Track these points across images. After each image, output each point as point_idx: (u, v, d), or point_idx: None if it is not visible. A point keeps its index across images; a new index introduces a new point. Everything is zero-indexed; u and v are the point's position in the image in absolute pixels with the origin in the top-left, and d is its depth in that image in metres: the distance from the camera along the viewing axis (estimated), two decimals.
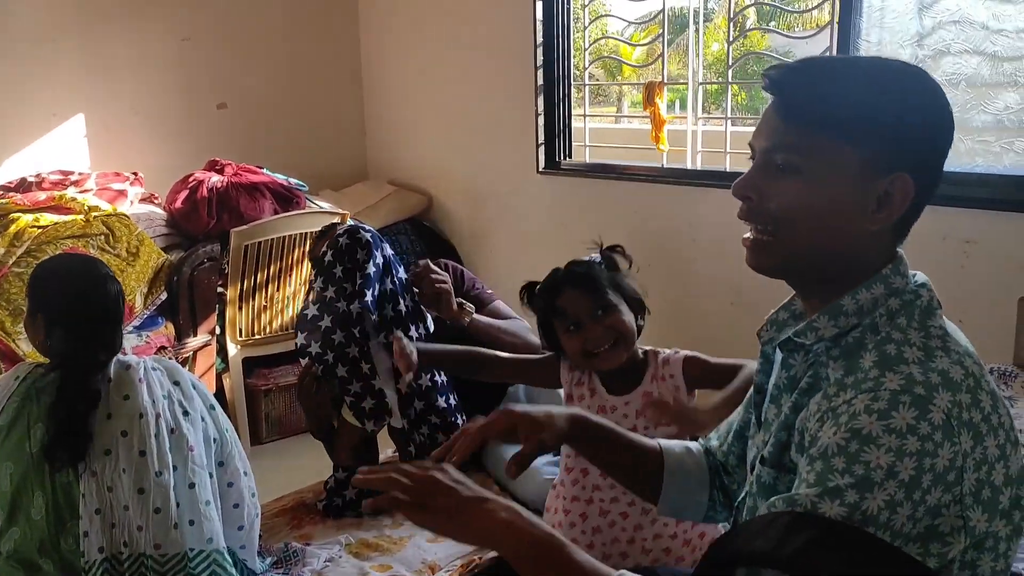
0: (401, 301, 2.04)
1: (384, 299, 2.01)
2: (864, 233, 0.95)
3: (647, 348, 1.56)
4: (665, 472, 1.19)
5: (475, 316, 2.12)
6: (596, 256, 1.55)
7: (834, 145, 0.93)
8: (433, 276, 2.08)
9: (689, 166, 3.16)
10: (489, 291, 2.32)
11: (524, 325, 2.24)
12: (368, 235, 2.01)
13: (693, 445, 1.25)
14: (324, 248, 2.02)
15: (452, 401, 2.09)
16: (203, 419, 1.49)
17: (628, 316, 1.45)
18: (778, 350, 1.05)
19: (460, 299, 2.13)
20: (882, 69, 0.97)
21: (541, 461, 2.02)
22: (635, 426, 1.45)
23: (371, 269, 1.97)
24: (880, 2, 2.56)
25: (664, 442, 1.23)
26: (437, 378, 2.07)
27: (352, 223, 2.14)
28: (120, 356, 1.51)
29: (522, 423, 1.15)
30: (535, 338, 2.22)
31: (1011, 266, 2.30)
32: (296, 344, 2.01)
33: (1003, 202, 2.32)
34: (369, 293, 1.96)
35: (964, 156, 2.46)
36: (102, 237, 2.80)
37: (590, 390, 1.50)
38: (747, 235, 1.00)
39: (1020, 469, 0.89)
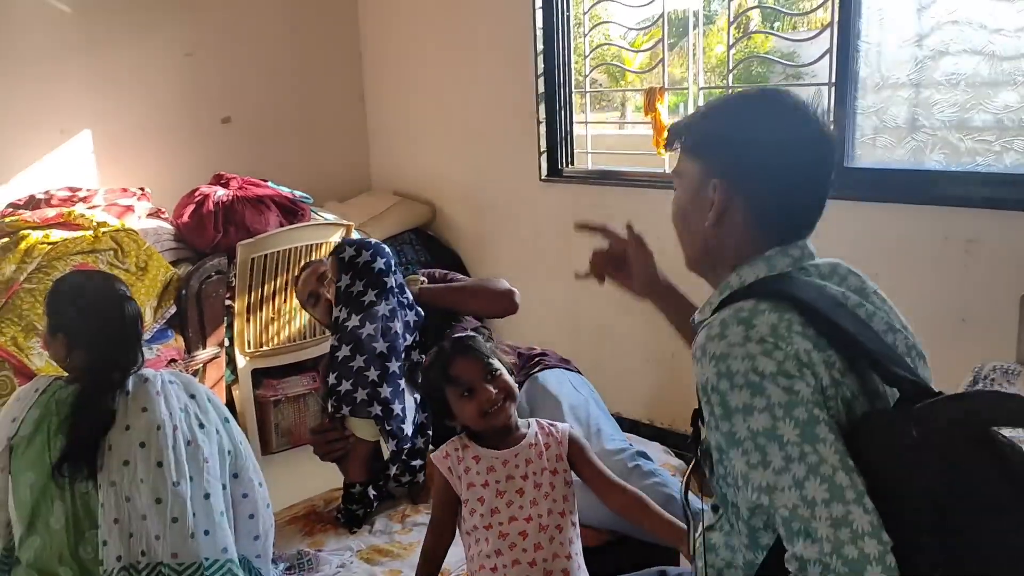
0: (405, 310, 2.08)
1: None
2: (709, 232, 1.14)
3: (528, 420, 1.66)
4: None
5: (425, 286, 2.13)
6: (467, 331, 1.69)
7: (687, 163, 1.17)
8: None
9: None
10: (444, 272, 2.38)
11: (489, 278, 2.27)
12: (367, 246, 2.05)
13: None
14: (338, 276, 2.04)
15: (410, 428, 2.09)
16: (218, 431, 1.52)
17: (508, 376, 1.57)
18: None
19: (415, 275, 2.18)
20: (741, 98, 1.23)
21: None
22: (525, 474, 1.52)
23: (391, 281, 2.03)
24: (880, 3, 2.58)
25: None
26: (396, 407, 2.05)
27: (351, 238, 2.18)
28: (139, 370, 1.54)
29: (640, 251, 1.53)
30: (503, 284, 2.26)
31: (1012, 265, 2.31)
32: (328, 384, 2.02)
33: (1004, 201, 2.33)
34: (391, 301, 2.01)
35: (965, 156, 2.48)
36: (111, 252, 2.83)
37: (475, 459, 1.54)
38: None
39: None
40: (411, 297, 2.14)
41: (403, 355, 2.07)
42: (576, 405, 2.16)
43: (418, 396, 2.10)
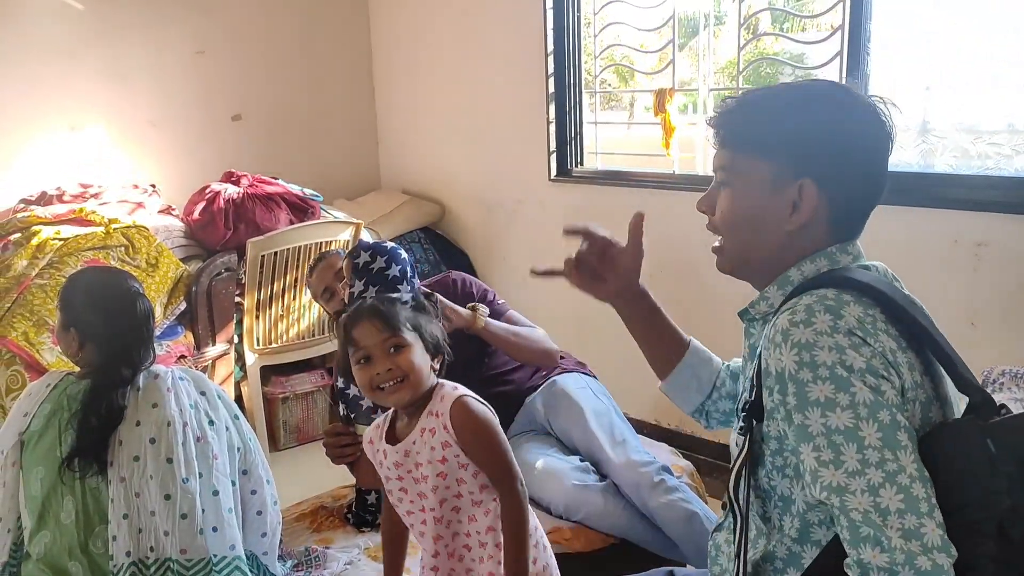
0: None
1: None
2: (785, 234, 1.09)
3: (443, 381, 1.48)
4: (680, 363, 1.43)
5: (489, 321, 2.12)
6: (404, 295, 1.53)
7: (750, 161, 1.10)
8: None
9: (700, 172, 3.18)
10: (501, 301, 2.31)
11: (542, 333, 2.25)
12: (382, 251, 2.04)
13: (718, 359, 1.46)
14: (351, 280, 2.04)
15: None
16: (227, 428, 1.53)
17: (420, 357, 1.41)
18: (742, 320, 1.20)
19: (473, 303, 2.14)
20: (796, 90, 1.14)
21: (568, 467, 2.04)
22: (419, 463, 1.40)
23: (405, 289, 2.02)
24: (890, 6, 2.58)
25: (695, 342, 1.46)
26: None
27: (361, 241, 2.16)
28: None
29: (634, 249, 1.44)
30: (552, 344, 2.23)
31: (1022, 268, 2.31)
32: (338, 388, 2.03)
33: (1014, 205, 2.32)
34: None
35: (975, 159, 2.47)
36: (122, 249, 2.85)
37: (383, 452, 1.44)
38: (714, 243, 1.19)
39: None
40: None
41: None
42: (599, 412, 2.15)
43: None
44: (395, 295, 1.51)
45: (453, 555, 1.43)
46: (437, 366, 1.46)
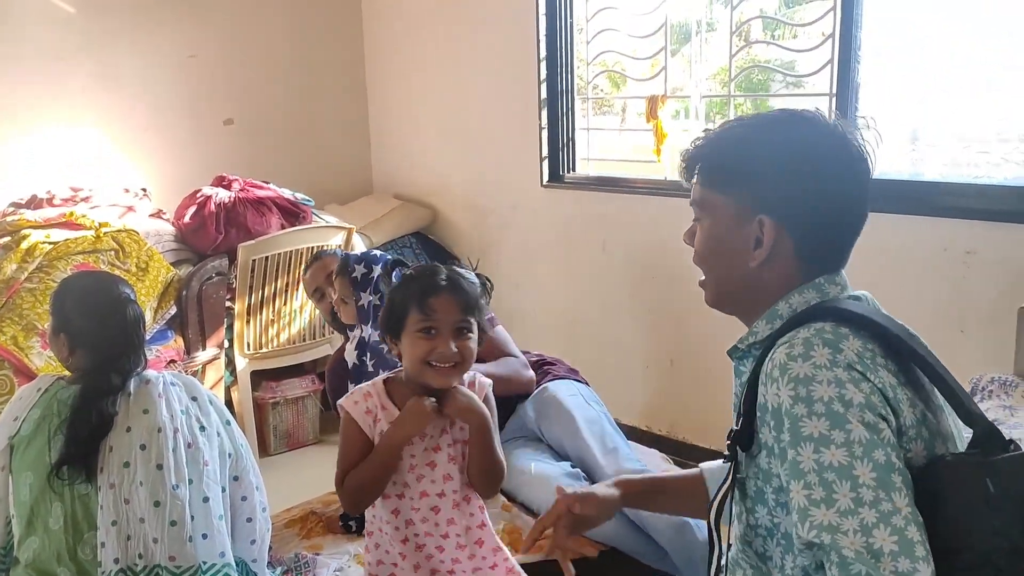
0: None
1: None
2: (751, 269, 1.08)
3: None
4: (709, 493, 1.33)
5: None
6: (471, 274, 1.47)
7: (716, 196, 1.11)
8: None
9: None
10: (490, 315, 2.26)
11: (518, 361, 2.21)
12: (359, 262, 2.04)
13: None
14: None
15: None
16: (219, 434, 1.52)
17: (475, 344, 1.41)
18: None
19: None
20: (764, 124, 1.11)
21: (559, 472, 2.04)
22: (438, 446, 1.42)
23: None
24: (880, 15, 2.60)
25: (704, 465, 1.38)
26: None
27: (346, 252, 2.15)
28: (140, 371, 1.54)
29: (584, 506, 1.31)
30: (528, 372, 2.21)
31: (1011, 276, 2.32)
32: None
33: (1002, 213, 2.34)
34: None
35: (964, 167, 2.49)
36: (112, 253, 2.84)
37: (381, 412, 1.41)
38: (700, 278, 1.19)
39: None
40: None
41: None
42: (591, 420, 2.15)
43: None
44: (467, 272, 1.44)
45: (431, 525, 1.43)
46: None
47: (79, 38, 3.45)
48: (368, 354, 2.00)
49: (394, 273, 1.89)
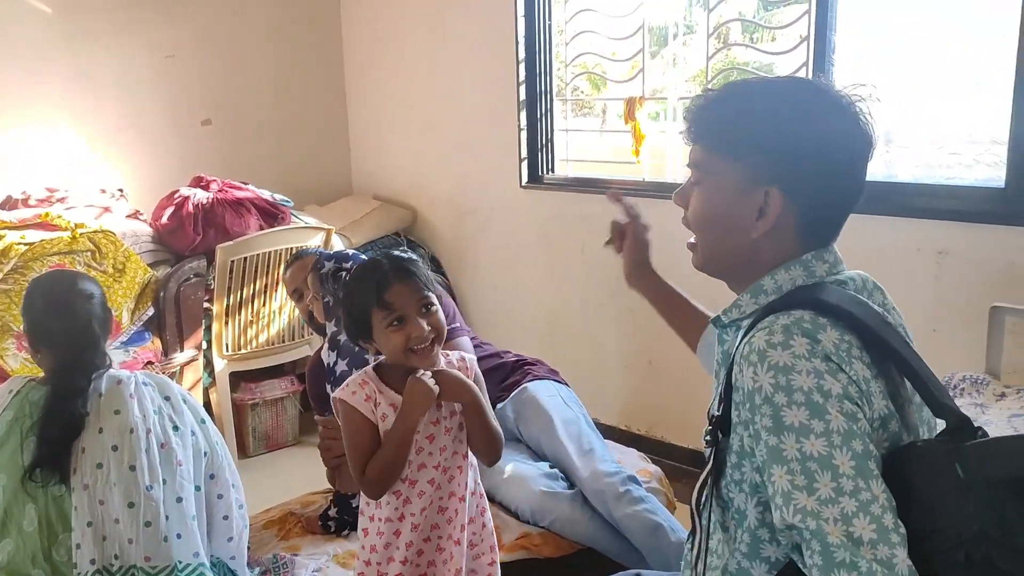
0: None
1: None
2: (751, 239, 1.07)
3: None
4: (702, 337, 1.43)
5: None
6: (407, 251, 1.51)
7: (722, 161, 1.07)
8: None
9: (669, 179, 3.22)
10: (456, 324, 2.23)
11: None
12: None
13: None
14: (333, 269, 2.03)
15: None
16: (193, 433, 1.51)
17: (443, 315, 1.44)
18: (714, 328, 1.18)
19: None
20: (773, 90, 1.10)
21: (537, 473, 2.05)
22: (436, 419, 1.45)
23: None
24: (854, 18, 2.63)
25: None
26: None
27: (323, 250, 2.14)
28: (112, 371, 1.53)
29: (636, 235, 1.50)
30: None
31: (982, 276, 2.36)
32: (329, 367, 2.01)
33: (974, 213, 2.38)
34: None
35: (937, 168, 2.53)
36: (88, 254, 2.81)
37: (391, 406, 1.42)
38: (689, 240, 1.17)
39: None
40: None
41: None
42: (568, 420, 2.15)
43: None
44: (410, 254, 1.47)
45: (443, 511, 1.46)
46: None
47: (56, 38, 3.41)
48: (337, 352, 1.99)
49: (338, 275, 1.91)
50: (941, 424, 0.99)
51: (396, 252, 1.47)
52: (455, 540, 1.46)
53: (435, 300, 1.42)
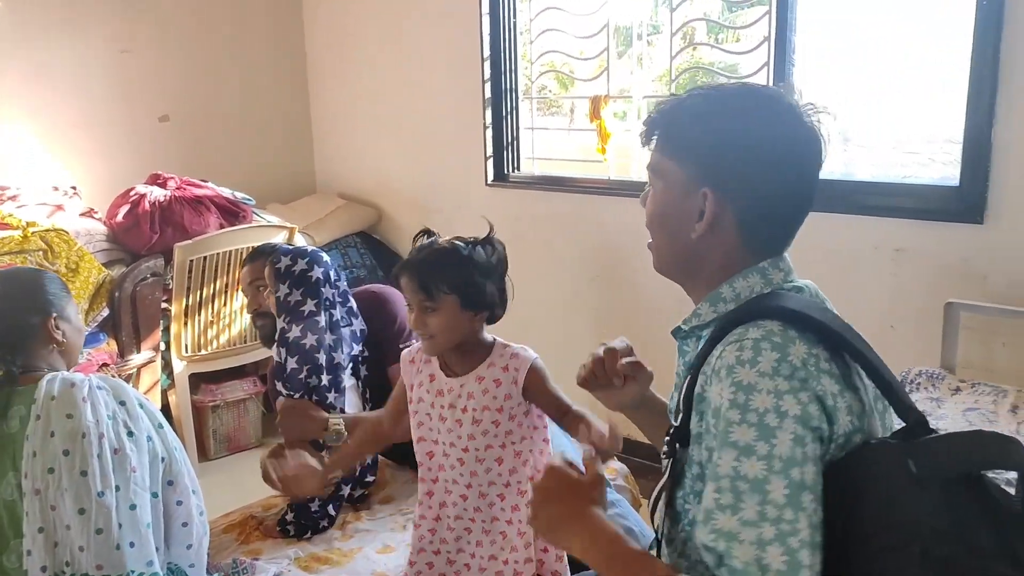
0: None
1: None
2: (692, 240, 1.08)
3: (497, 338, 1.65)
4: None
5: (344, 423, 1.98)
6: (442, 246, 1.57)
7: (668, 163, 1.10)
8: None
9: (635, 177, 3.23)
10: (413, 341, 2.22)
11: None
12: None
13: None
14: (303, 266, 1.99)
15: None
16: (150, 439, 1.47)
17: (452, 318, 1.51)
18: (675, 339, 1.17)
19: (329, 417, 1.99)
20: (723, 95, 1.10)
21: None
22: (465, 407, 1.53)
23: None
24: (814, 19, 2.66)
25: None
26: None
27: (285, 246, 2.12)
28: (65, 374, 1.49)
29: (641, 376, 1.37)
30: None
31: (938, 273, 2.40)
32: (278, 392, 1.99)
33: (930, 212, 2.42)
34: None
35: (893, 167, 2.57)
36: (40, 253, 2.74)
37: (429, 376, 1.58)
38: (649, 241, 1.18)
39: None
40: (355, 306, 2.12)
41: (349, 365, 2.06)
42: None
43: (369, 407, 2.09)
44: (450, 246, 1.54)
45: (471, 487, 1.56)
46: (484, 314, 1.56)
47: (8, 31, 3.32)
48: (286, 350, 1.97)
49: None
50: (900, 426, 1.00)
51: (426, 245, 1.57)
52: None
53: (438, 305, 1.50)
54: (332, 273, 2.05)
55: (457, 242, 1.55)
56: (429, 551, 1.62)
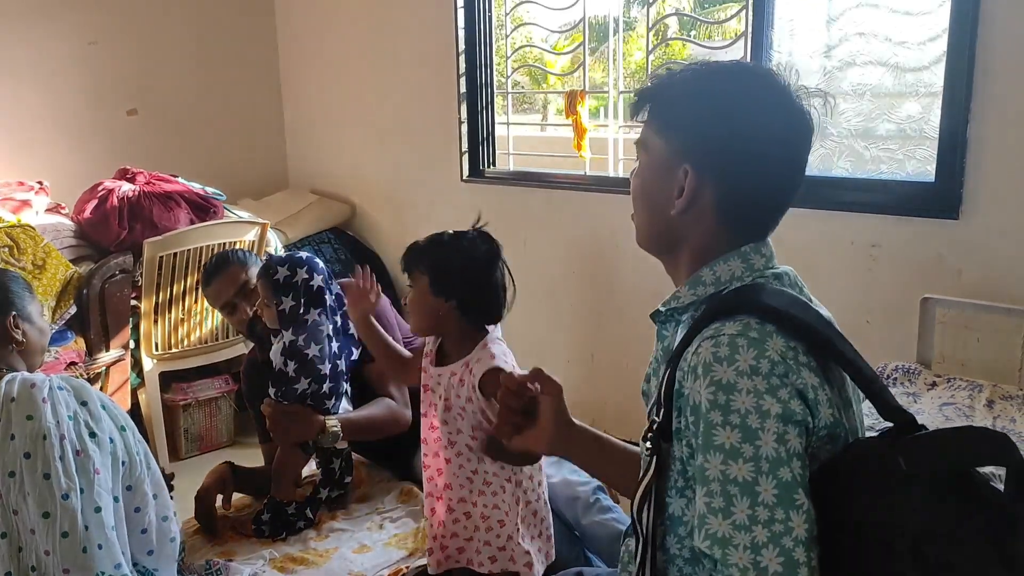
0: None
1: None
2: (670, 216, 1.07)
3: (491, 336, 1.66)
4: None
5: (341, 425, 1.97)
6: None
7: (655, 137, 1.08)
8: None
9: (611, 173, 3.22)
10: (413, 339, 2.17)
11: (387, 403, 2.11)
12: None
13: None
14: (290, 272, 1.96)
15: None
16: (112, 440, 1.43)
17: (421, 297, 1.62)
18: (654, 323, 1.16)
19: (324, 418, 1.96)
20: (710, 72, 1.08)
21: None
22: (447, 396, 1.63)
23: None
24: (790, 14, 2.66)
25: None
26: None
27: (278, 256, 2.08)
28: (24, 375, 1.44)
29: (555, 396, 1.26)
30: (407, 413, 2.12)
31: (914, 268, 2.42)
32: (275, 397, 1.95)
33: (906, 207, 2.43)
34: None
35: (869, 163, 2.58)
36: (6, 250, 2.68)
37: (427, 357, 1.70)
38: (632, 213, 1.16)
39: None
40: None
41: (348, 372, 2.05)
42: None
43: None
44: (439, 232, 1.65)
45: (458, 486, 1.66)
46: (449, 307, 1.60)
47: None
48: (292, 359, 1.93)
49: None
50: (875, 420, 0.99)
51: (446, 234, 1.68)
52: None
53: (412, 284, 1.63)
54: (326, 274, 2.02)
55: (448, 230, 1.65)
56: (433, 497, 1.73)
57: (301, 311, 1.94)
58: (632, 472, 1.20)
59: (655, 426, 1.03)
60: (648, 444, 1.04)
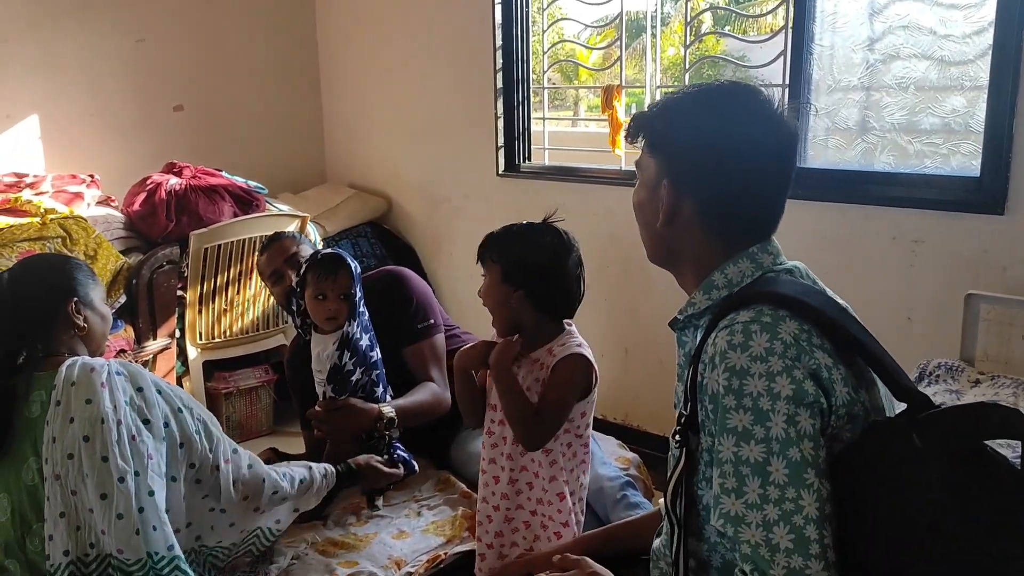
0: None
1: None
2: (660, 231, 1.13)
3: (571, 335, 1.69)
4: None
5: (395, 410, 2.00)
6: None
7: (646, 158, 1.16)
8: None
9: None
10: (430, 321, 2.21)
11: (431, 387, 2.14)
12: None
13: None
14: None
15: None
16: (167, 424, 1.47)
17: (493, 287, 1.62)
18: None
19: (380, 407, 1.99)
20: (695, 94, 1.16)
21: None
22: (529, 386, 1.62)
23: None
24: (833, 7, 2.64)
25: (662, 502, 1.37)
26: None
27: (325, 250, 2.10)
28: (86, 358, 1.49)
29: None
30: (447, 393, 2.15)
31: (957, 264, 2.39)
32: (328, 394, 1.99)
33: (950, 203, 2.40)
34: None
35: (913, 158, 2.55)
36: (59, 240, 2.76)
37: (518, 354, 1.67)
38: None
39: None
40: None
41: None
42: None
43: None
44: (513, 224, 1.68)
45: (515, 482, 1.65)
46: (519, 297, 1.60)
47: (21, 21, 3.33)
48: (348, 350, 1.96)
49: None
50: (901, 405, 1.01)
51: (524, 225, 1.69)
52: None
53: (486, 272, 1.65)
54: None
55: (524, 221, 1.67)
56: (489, 504, 1.69)
57: (360, 300, 1.99)
58: (644, 533, 1.36)
59: (683, 419, 1.07)
60: (677, 438, 1.08)
